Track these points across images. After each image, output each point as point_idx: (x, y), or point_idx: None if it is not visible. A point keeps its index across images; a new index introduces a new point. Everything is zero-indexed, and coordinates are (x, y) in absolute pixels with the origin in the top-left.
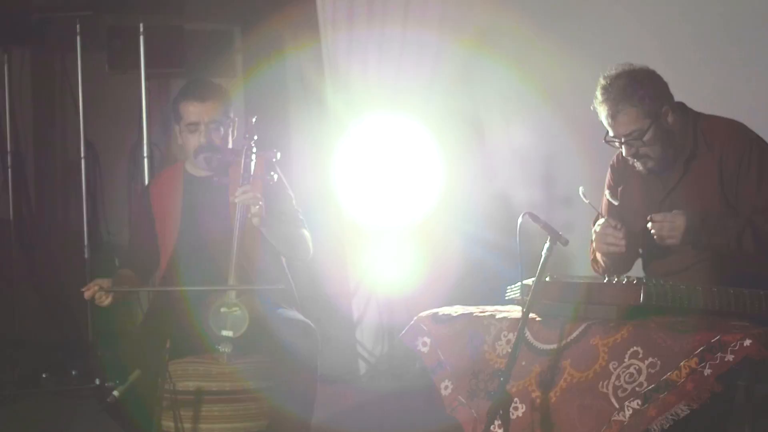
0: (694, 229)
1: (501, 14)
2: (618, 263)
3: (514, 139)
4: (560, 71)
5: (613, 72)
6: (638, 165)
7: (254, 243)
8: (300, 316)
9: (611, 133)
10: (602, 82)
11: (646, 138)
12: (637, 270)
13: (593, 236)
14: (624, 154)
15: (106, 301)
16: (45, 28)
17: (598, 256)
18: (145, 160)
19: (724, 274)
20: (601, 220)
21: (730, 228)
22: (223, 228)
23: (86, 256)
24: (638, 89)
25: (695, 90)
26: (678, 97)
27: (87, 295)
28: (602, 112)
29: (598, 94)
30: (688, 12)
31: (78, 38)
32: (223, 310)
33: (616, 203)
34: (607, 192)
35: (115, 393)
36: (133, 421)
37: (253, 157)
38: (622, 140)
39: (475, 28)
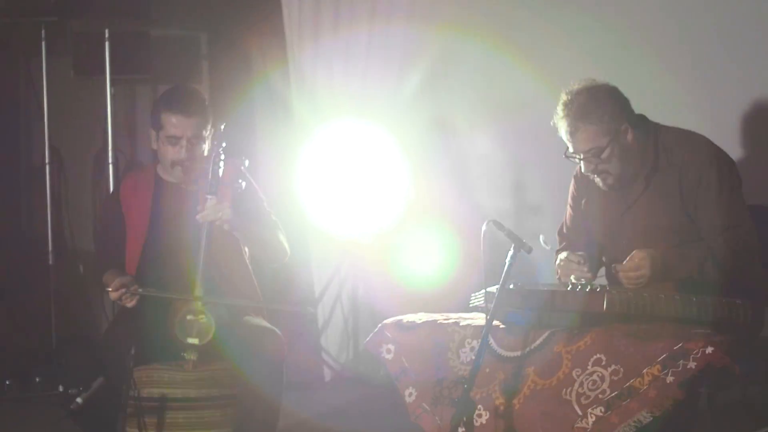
0: (657, 268)
1: (466, 22)
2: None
3: (480, 147)
4: (526, 78)
5: (575, 88)
6: (598, 181)
7: (223, 251)
8: (266, 324)
9: (571, 149)
10: (564, 97)
11: (604, 156)
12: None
13: (557, 262)
14: (583, 170)
15: (131, 302)
16: (10, 33)
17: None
18: (110, 166)
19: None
20: (563, 254)
21: (691, 259)
22: (192, 235)
23: (50, 262)
24: (597, 108)
25: (656, 101)
26: (640, 108)
27: (114, 296)
28: (562, 128)
29: (559, 110)
30: (649, 23)
31: (43, 44)
32: (189, 317)
33: (577, 223)
34: (570, 202)
35: (79, 400)
36: (97, 428)
37: (221, 164)
38: (581, 156)
39: (441, 36)
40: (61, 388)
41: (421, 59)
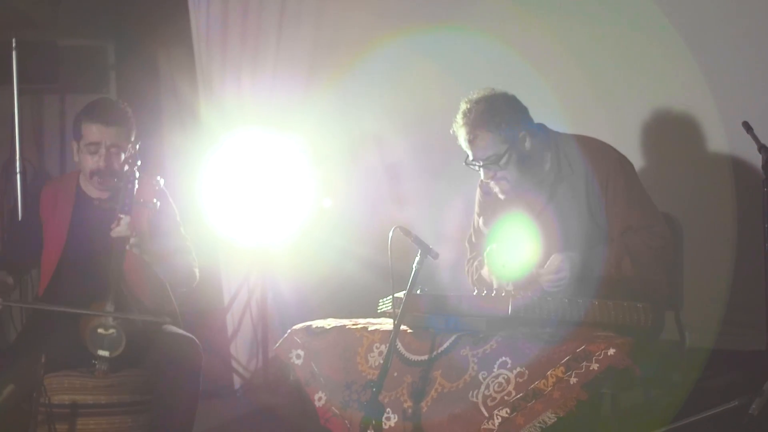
0: (576, 269)
1: (375, 32)
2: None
3: (387, 156)
4: (433, 90)
5: (474, 97)
6: (496, 188)
7: (136, 267)
8: (183, 332)
9: (470, 157)
10: (463, 106)
11: (502, 162)
12: None
13: (486, 262)
14: (482, 178)
15: None
16: None
17: (487, 275)
18: (18, 176)
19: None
20: (484, 271)
21: (609, 256)
22: (107, 250)
23: None
24: (495, 115)
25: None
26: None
27: None
28: (461, 136)
29: (459, 118)
30: (560, 33)
31: None
32: (99, 330)
33: (485, 231)
34: (477, 209)
35: None
36: None
37: (137, 183)
38: (481, 164)
39: (349, 45)
40: None
41: (330, 68)
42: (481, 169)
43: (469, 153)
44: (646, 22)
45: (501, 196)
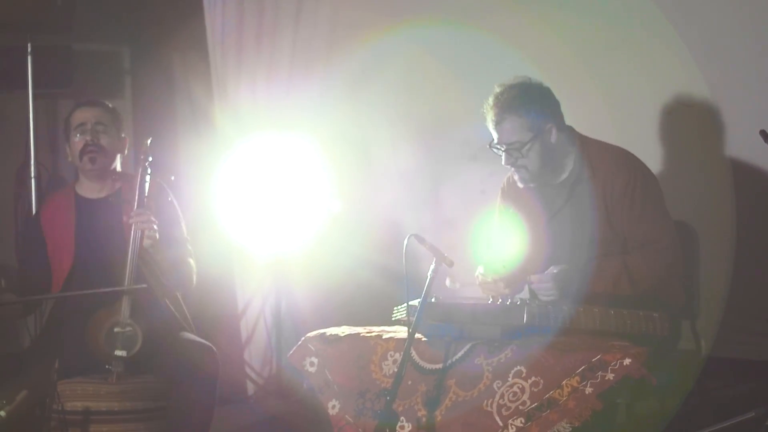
0: (570, 282)
1: (389, 37)
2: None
3: (401, 162)
4: (449, 94)
5: (509, 82)
6: (515, 175)
7: (148, 265)
8: (201, 339)
9: (495, 140)
10: (497, 89)
11: (524, 150)
12: None
13: (478, 277)
14: (503, 162)
15: None
16: None
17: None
18: (33, 181)
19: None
20: (482, 269)
21: (606, 273)
22: (119, 249)
23: None
24: (526, 102)
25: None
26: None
27: None
28: (489, 117)
29: (490, 99)
30: (576, 40)
31: None
32: (116, 329)
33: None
34: (497, 214)
35: (2, 413)
36: None
37: (148, 178)
38: (504, 148)
39: (364, 51)
40: None
41: (344, 74)
42: (504, 153)
43: (495, 135)
44: (659, 23)
45: (519, 184)
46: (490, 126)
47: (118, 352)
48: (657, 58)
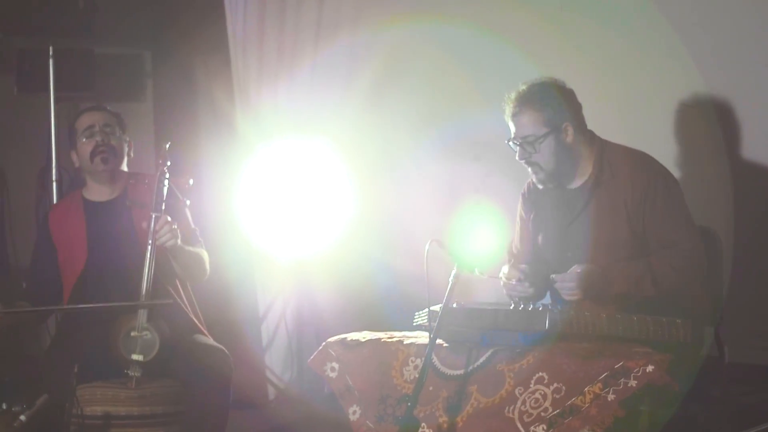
0: (594, 282)
1: (411, 39)
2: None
3: (423, 165)
4: (470, 96)
5: (534, 80)
6: (533, 176)
7: (162, 266)
8: (214, 342)
9: (512, 134)
10: (521, 86)
11: (538, 144)
12: None
13: (501, 277)
14: (517, 157)
15: None
16: None
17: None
18: (54, 184)
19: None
20: (505, 269)
21: (629, 274)
22: (132, 251)
23: None
24: (545, 97)
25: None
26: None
27: None
28: (507, 110)
29: (512, 94)
30: (595, 44)
31: None
32: (133, 334)
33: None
34: (518, 220)
35: (22, 418)
36: None
37: (166, 182)
38: (518, 142)
39: (385, 52)
40: (3, 406)
41: (366, 76)
42: (518, 148)
43: (512, 129)
44: (677, 24)
45: (538, 186)
46: (508, 119)
47: (135, 357)
48: (677, 60)
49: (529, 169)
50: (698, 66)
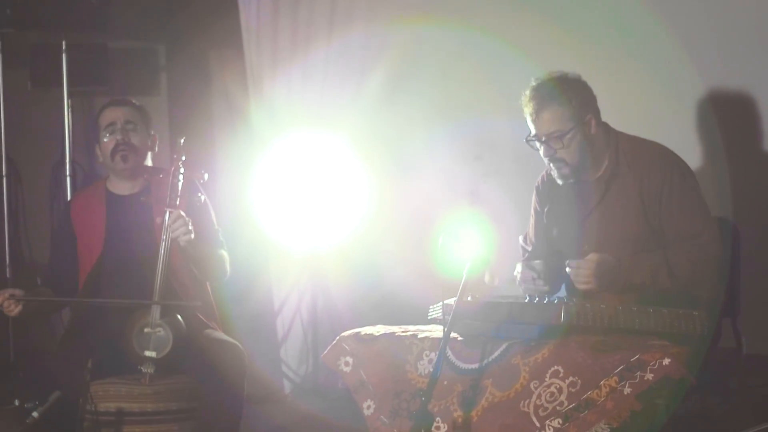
0: (608, 272)
1: (425, 32)
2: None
3: (438, 159)
4: (486, 89)
5: (546, 75)
6: (554, 171)
7: (179, 261)
8: (227, 337)
9: (533, 132)
10: (533, 83)
11: (565, 139)
12: None
13: (516, 276)
14: (542, 154)
15: (15, 310)
16: None
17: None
18: (68, 179)
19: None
20: (520, 267)
21: (645, 265)
22: (148, 246)
23: (8, 275)
24: (566, 91)
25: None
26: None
27: None
28: (527, 110)
29: (528, 92)
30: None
31: (0, 55)
32: (146, 330)
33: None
34: (532, 213)
35: (35, 414)
36: None
37: (181, 177)
38: (543, 139)
39: (400, 45)
40: (17, 402)
41: (380, 69)
42: (542, 145)
43: (533, 128)
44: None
45: (559, 181)
46: (529, 119)
47: (149, 353)
48: (693, 50)
49: (552, 166)
50: (719, 56)
